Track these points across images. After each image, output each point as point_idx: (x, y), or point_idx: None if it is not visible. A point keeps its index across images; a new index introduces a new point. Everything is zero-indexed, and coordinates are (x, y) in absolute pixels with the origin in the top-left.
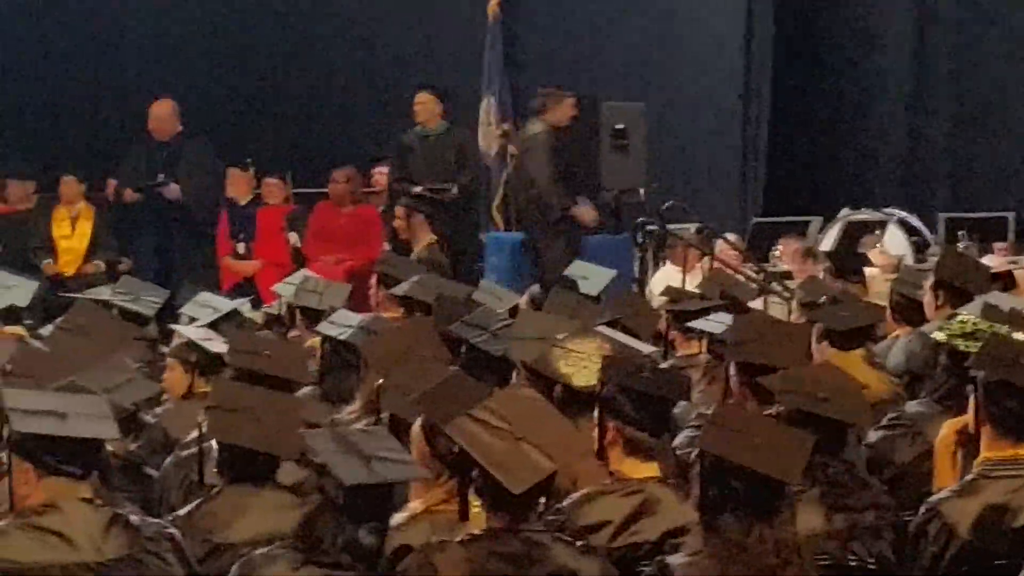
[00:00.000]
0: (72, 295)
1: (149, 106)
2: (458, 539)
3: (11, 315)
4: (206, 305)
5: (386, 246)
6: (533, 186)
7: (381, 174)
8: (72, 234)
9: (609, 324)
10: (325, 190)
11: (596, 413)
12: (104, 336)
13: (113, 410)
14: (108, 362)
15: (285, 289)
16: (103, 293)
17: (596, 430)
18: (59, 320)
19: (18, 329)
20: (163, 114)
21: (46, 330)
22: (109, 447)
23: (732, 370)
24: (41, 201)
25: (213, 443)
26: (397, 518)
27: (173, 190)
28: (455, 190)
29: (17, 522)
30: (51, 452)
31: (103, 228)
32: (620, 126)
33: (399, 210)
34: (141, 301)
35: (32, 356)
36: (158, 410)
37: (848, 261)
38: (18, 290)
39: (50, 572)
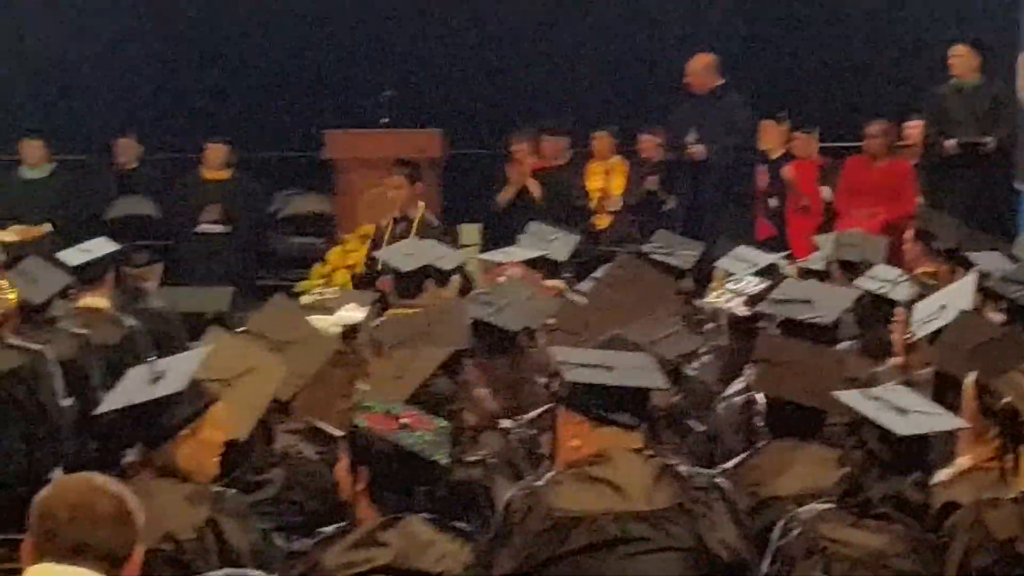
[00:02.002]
0: (608, 249)
1: (686, 61)
2: (1010, 496)
3: (551, 269)
4: (743, 259)
5: (920, 200)
6: None
7: (914, 127)
8: (606, 188)
9: None
10: (855, 144)
11: None
12: (644, 290)
13: (657, 363)
14: (650, 315)
15: (825, 241)
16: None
17: None
18: (599, 274)
19: (558, 283)
20: (702, 67)
21: (585, 284)
22: (653, 400)
23: None
24: (575, 156)
25: (759, 396)
26: (944, 474)
27: (699, 151)
28: (992, 143)
29: (571, 472)
30: (603, 403)
31: (636, 182)
32: None
33: (398, 179)
34: (678, 255)
35: (575, 310)
36: (696, 363)
37: None
38: (558, 244)
39: (602, 520)
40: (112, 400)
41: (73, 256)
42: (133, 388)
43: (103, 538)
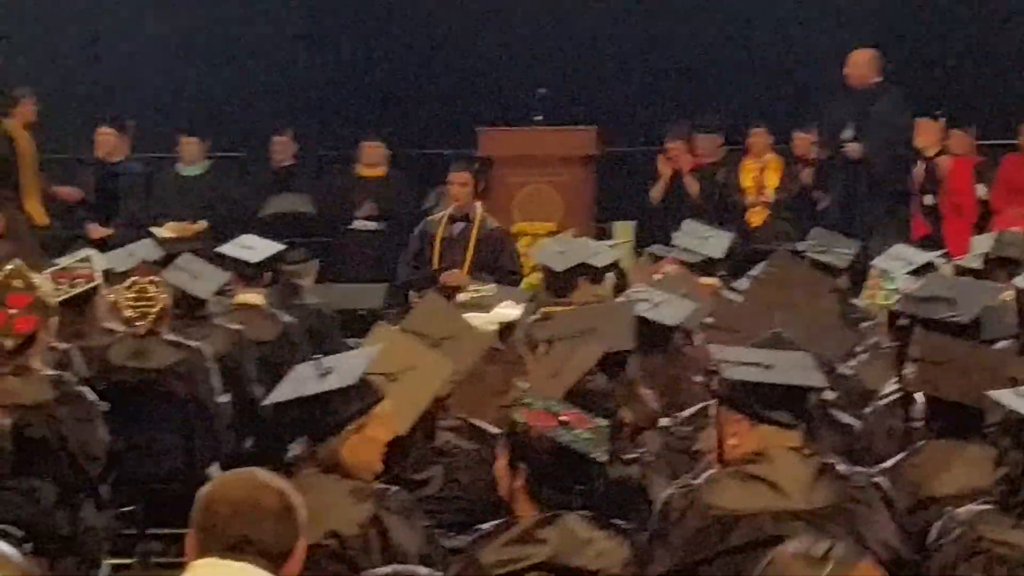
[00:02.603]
0: (763, 247)
1: (841, 59)
2: None
3: (706, 266)
4: (899, 258)
5: None
6: None
7: None
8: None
9: None
10: (1012, 142)
11: None
12: (800, 288)
13: (815, 361)
14: (807, 314)
15: (983, 239)
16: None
17: None
18: (756, 272)
19: (713, 281)
20: (863, 61)
21: (740, 282)
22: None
23: None
24: (729, 154)
25: (918, 395)
26: None
27: (855, 149)
28: None
29: (728, 470)
30: (762, 401)
31: (791, 179)
32: None
33: (463, 176)
34: (833, 253)
35: (732, 308)
36: (853, 362)
37: None
38: (713, 242)
39: (760, 519)
40: (281, 392)
41: (250, 253)
42: (303, 382)
43: (266, 533)
